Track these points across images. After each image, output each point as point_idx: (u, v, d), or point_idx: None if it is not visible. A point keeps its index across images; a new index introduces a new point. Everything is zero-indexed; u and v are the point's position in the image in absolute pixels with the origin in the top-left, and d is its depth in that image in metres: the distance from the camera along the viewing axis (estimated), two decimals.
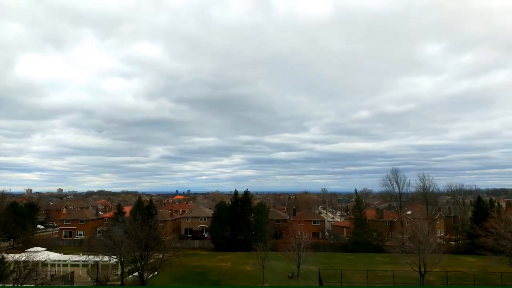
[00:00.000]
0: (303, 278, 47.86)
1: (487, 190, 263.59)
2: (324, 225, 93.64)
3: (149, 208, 78.57)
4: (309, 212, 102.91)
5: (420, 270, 41.46)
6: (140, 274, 40.51)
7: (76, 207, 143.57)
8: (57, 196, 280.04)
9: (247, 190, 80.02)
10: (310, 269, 50.34)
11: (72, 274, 45.15)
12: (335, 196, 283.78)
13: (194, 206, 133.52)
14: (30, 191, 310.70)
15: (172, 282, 45.78)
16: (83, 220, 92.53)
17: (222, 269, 54.10)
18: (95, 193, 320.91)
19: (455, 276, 47.75)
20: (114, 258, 43.98)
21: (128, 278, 44.75)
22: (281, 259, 52.00)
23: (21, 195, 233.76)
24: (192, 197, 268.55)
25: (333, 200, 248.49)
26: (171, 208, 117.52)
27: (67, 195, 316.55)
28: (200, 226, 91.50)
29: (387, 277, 46.11)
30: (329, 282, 44.93)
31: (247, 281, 46.87)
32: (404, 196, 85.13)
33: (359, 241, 71.59)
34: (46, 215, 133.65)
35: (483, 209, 68.52)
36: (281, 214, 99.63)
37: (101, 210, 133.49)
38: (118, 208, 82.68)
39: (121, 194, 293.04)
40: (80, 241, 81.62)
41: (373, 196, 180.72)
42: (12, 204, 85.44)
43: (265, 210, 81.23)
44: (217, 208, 77.74)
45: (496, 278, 45.42)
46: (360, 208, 76.31)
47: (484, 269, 47.97)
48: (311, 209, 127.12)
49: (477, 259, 58.94)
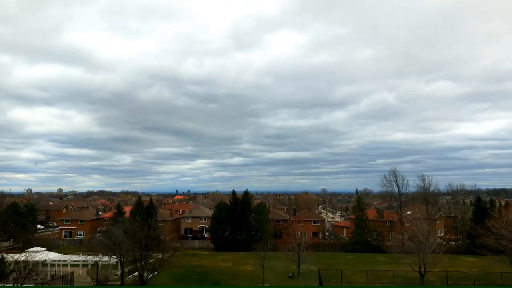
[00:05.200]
0: (303, 278, 47.83)
1: (487, 190, 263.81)
2: (324, 225, 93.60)
3: (149, 208, 78.67)
4: (309, 212, 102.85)
5: (420, 270, 41.42)
6: (140, 274, 40.53)
7: (76, 207, 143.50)
8: (57, 196, 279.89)
9: (247, 190, 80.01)
10: (310, 269, 50.29)
11: (72, 274, 45.09)
12: (335, 196, 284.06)
13: (194, 206, 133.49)
14: (30, 191, 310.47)
15: (172, 282, 45.74)
16: (83, 220, 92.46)
17: (222, 269, 54.07)
18: (95, 193, 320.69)
19: (455, 276, 47.73)
20: (114, 258, 43.95)
21: (128, 278, 44.76)
22: (281, 259, 51.96)
23: (21, 195, 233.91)
24: (192, 197, 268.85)
25: (333, 200, 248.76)
26: (171, 208, 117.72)
27: (67, 195, 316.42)
28: (200, 226, 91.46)
29: (387, 277, 46.10)
30: (329, 282, 44.89)
31: (247, 281, 46.85)
32: (404, 196, 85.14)
33: (359, 241, 71.52)
34: (46, 215, 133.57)
35: (483, 209, 68.66)
36: (281, 214, 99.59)
37: (101, 210, 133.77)
38: (118, 208, 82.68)
39: (121, 194, 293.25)
40: (80, 241, 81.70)
41: (373, 196, 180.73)
42: (12, 204, 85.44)
43: (265, 210, 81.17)
44: (217, 208, 77.68)
45: (496, 278, 45.35)
46: (361, 208, 76.13)
47: (484, 269, 47.87)
48: (311, 209, 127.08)
49: (477, 259, 58.90)
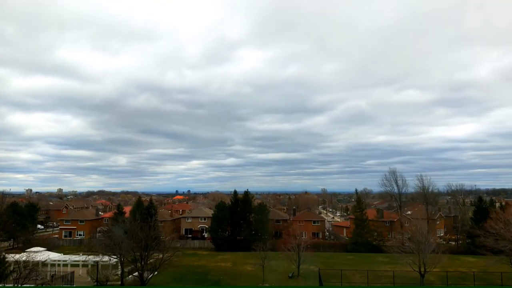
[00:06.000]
0: (303, 278, 47.79)
1: (487, 190, 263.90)
2: (324, 225, 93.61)
3: (149, 208, 78.60)
4: (309, 212, 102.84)
5: (420, 270, 41.40)
6: (140, 274, 40.52)
7: (76, 207, 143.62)
8: (57, 196, 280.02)
9: (247, 190, 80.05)
10: (310, 269, 50.25)
11: (72, 274, 45.08)
12: (335, 196, 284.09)
13: (194, 206, 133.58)
14: (30, 191, 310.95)
15: (172, 282, 45.73)
16: (83, 220, 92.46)
17: (222, 269, 54.05)
18: (95, 193, 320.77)
19: (455, 276, 47.71)
20: (114, 258, 43.95)
21: (128, 278, 44.75)
22: (281, 259, 51.94)
23: (21, 195, 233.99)
24: (192, 197, 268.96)
25: (333, 200, 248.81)
26: (171, 208, 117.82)
27: (67, 195, 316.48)
28: (200, 226, 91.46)
29: (387, 277, 46.09)
30: (329, 282, 44.86)
31: (247, 281, 46.82)
32: (404, 196, 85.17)
33: (359, 241, 71.52)
34: (46, 215, 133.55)
35: (483, 209, 68.51)
36: (281, 214, 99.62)
37: (101, 210, 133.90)
38: (118, 208, 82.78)
39: (121, 194, 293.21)
40: (80, 241, 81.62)
41: (373, 196, 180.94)
42: (12, 204, 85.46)
43: (266, 210, 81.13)
44: (217, 208, 77.65)
45: (496, 278, 45.36)
46: (361, 208, 76.07)
47: (484, 269, 47.82)
48: (311, 209, 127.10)
49: (477, 259, 58.89)
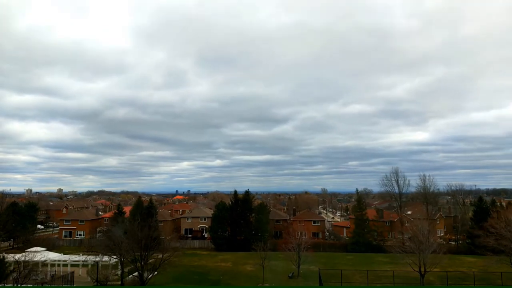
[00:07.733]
0: (303, 278, 47.78)
1: (487, 190, 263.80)
2: (324, 225, 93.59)
3: (149, 208, 78.67)
4: (309, 212, 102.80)
5: (420, 270, 41.40)
6: (140, 274, 40.50)
7: (76, 207, 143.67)
8: (57, 196, 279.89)
9: (247, 190, 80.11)
10: (310, 269, 50.25)
11: (72, 274, 45.12)
12: (335, 196, 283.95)
13: (194, 206, 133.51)
14: (30, 191, 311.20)
15: (172, 282, 45.73)
16: (83, 220, 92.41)
17: (222, 269, 54.03)
18: (95, 193, 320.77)
19: (455, 276, 47.71)
20: (114, 258, 43.97)
21: (128, 278, 44.73)
22: (281, 259, 51.98)
23: (21, 195, 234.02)
24: (192, 197, 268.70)
25: (333, 200, 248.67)
26: (171, 208, 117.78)
27: (67, 195, 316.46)
28: (200, 226, 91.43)
29: (387, 277, 46.09)
30: (329, 282, 44.87)
31: (247, 281, 46.82)
32: (404, 196, 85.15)
33: (359, 241, 71.53)
34: (46, 215, 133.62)
35: (484, 209, 68.48)
36: (281, 214, 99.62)
37: (101, 210, 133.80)
38: (118, 208, 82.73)
39: (121, 194, 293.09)
40: (80, 241, 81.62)
41: (373, 196, 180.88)
42: (12, 204, 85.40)
43: (266, 210, 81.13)
44: (217, 208, 77.66)
45: (496, 278, 45.35)
46: (361, 208, 76.10)
47: (484, 269, 47.80)
48: (311, 209, 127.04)
49: (477, 259, 58.88)
